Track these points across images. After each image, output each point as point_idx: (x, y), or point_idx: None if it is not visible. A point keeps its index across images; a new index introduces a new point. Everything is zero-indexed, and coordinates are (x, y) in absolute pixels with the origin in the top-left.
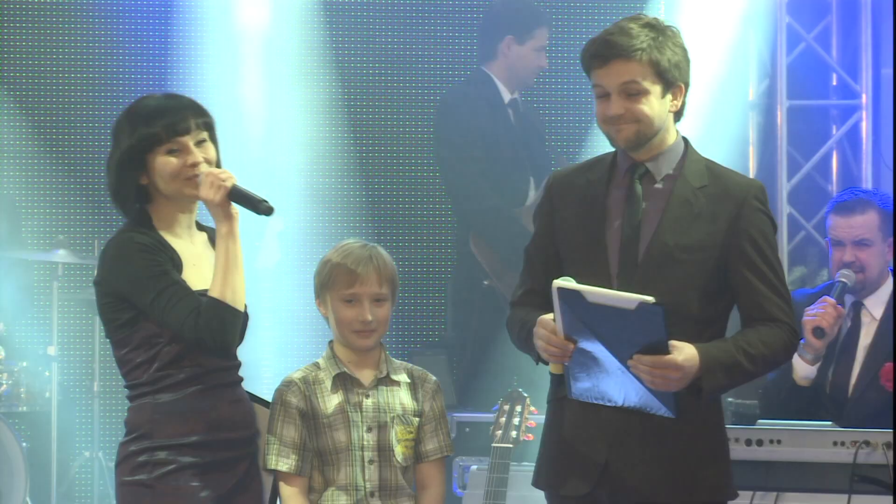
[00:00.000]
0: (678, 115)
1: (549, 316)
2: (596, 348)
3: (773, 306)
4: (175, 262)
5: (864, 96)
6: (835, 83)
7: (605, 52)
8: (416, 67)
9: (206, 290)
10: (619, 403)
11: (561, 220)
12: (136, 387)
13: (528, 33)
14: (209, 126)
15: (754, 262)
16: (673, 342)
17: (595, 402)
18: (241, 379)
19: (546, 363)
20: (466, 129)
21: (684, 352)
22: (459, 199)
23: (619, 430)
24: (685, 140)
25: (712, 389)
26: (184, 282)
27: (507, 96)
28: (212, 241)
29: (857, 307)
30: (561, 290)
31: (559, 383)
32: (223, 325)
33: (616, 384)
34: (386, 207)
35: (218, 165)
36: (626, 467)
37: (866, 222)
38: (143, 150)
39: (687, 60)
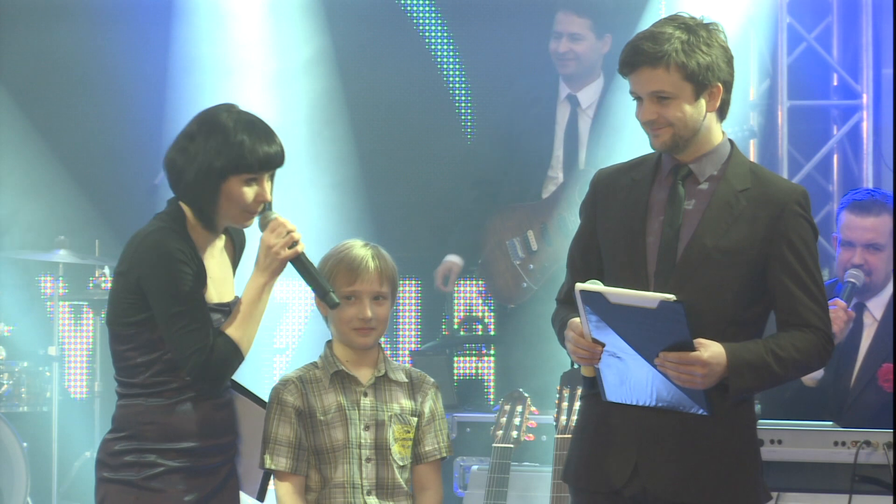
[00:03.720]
0: (722, 114)
1: (578, 319)
2: (624, 350)
3: (809, 312)
4: (200, 277)
5: (864, 96)
6: (835, 83)
7: (632, 59)
8: (418, 68)
9: (220, 305)
10: (652, 403)
11: (603, 218)
12: (128, 385)
13: (551, 24)
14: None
15: (792, 267)
16: (699, 340)
17: (628, 402)
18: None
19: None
20: (509, 121)
21: (710, 349)
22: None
23: (650, 430)
24: (731, 142)
25: (739, 389)
26: (205, 306)
27: (564, 92)
28: (233, 244)
29: (860, 309)
30: (583, 292)
31: (592, 382)
32: (228, 368)
33: (646, 384)
34: (386, 207)
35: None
36: (656, 467)
37: (880, 225)
38: (235, 170)
39: (726, 59)
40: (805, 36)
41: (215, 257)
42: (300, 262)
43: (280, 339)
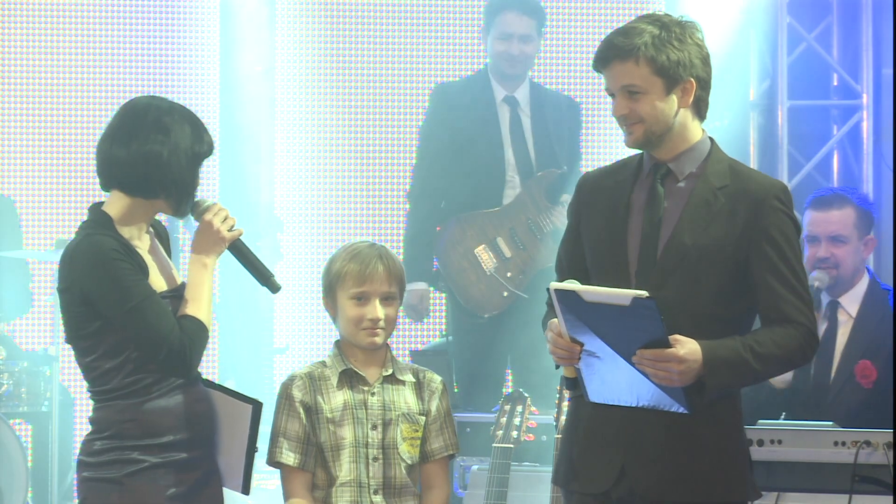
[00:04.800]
0: (698, 111)
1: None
2: (602, 349)
3: (791, 307)
4: (143, 269)
5: (864, 96)
6: (835, 83)
7: (604, 53)
8: (419, 67)
9: (170, 291)
10: (634, 403)
11: (587, 220)
12: (103, 392)
13: (491, 22)
14: None
15: (773, 262)
16: (676, 336)
17: (612, 403)
18: (200, 376)
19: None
20: (450, 125)
21: (686, 346)
22: (423, 195)
23: (635, 432)
24: (711, 140)
25: (716, 386)
26: (156, 294)
27: (501, 94)
28: (160, 238)
29: (834, 307)
30: (558, 291)
31: (576, 384)
32: (200, 347)
33: (627, 384)
34: (386, 208)
35: None
36: (642, 468)
37: (843, 218)
38: (207, 154)
39: (700, 56)
40: (805, 36)
41: (152, 248)
42: (238, 249)
43: (280, 338)
